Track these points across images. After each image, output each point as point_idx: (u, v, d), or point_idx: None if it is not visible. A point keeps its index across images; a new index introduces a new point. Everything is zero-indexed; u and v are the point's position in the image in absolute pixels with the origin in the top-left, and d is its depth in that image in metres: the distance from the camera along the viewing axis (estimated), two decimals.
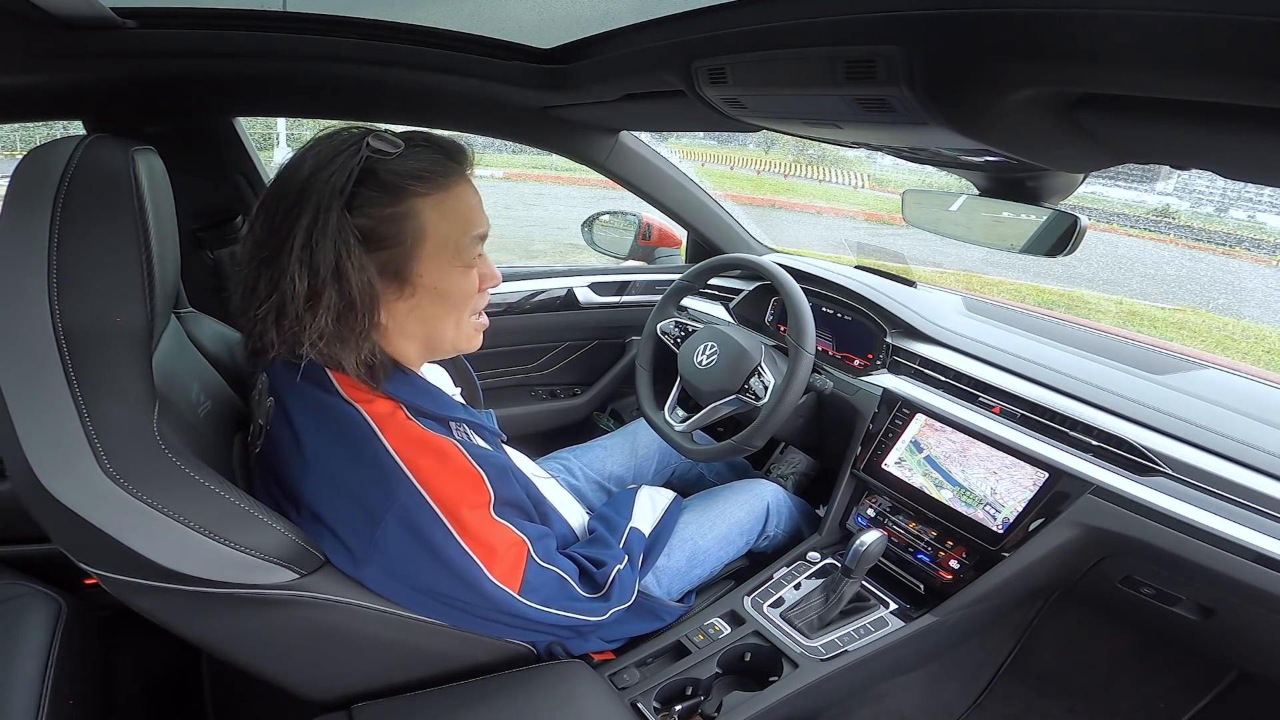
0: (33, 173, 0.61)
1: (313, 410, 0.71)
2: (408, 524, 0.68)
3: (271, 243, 0.67)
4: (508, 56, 1.10)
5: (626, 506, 1.04)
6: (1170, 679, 1.19)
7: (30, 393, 0.56)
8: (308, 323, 0.66)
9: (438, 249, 0.72)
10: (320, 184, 0.66)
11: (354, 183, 0.67)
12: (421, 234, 0.70)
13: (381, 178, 0.68)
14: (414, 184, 0.69)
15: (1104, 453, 0.97)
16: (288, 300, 0.66)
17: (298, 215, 0.65)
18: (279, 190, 0.68)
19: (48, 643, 0.85)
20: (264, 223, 0.68)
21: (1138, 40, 0.41)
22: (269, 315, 0.67)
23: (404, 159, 0.70)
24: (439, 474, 0.71)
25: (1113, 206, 13.62)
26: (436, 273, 0.72)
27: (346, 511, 0.69)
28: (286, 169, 0.70)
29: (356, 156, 0.67)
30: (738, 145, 17.24)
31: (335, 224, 0.65)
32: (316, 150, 0.69)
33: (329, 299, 0.66)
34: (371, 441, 0.69)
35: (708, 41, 0.75)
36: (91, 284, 0.60)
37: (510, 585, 0.74)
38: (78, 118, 1.11)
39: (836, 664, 0.96)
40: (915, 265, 1.56)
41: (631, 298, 1.70)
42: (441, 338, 0.77)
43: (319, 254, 0.65)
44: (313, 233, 0.65)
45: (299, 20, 1.01)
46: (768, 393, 1.16)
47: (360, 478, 0.69)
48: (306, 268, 0.65)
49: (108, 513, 0.57)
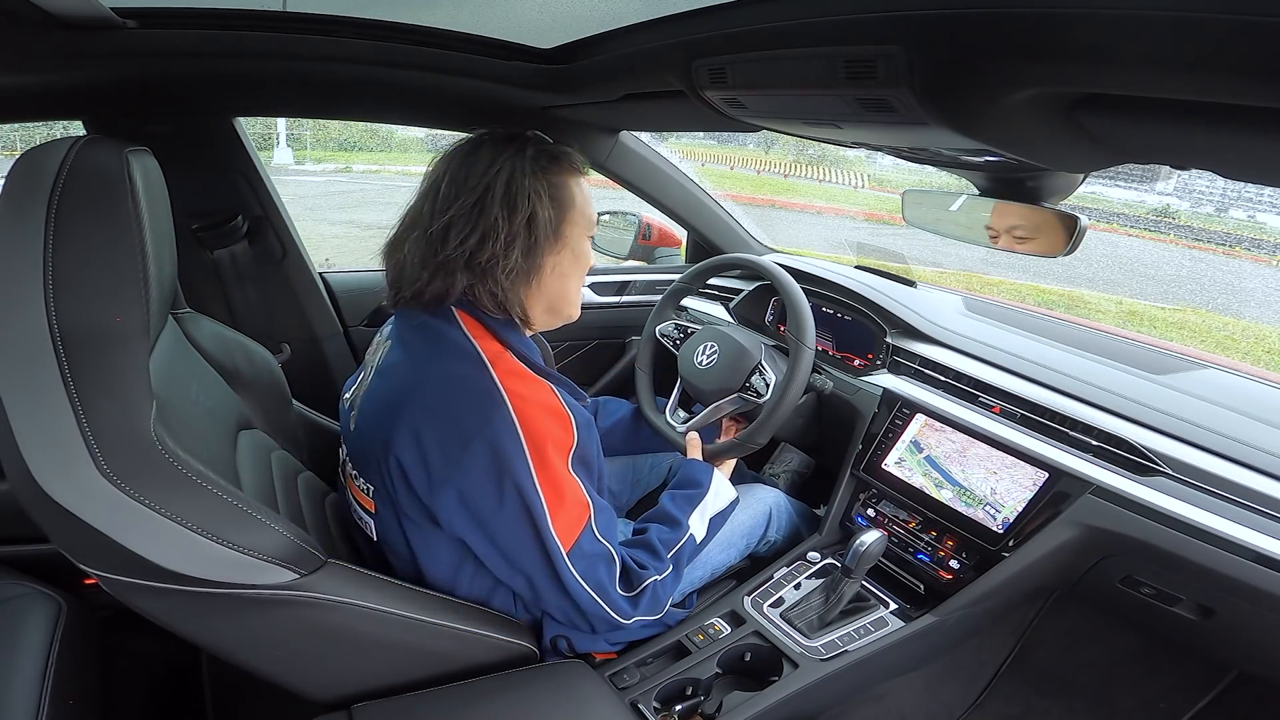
0: (27, 174, 0.61)
1: (434, 341, 0.82)
2: (495, 449, 0.75)
3: (471, 195, 0.80)
4: (508, 57, 1.10)
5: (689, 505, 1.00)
6: (1170, 679, 1.19)
7: (27, 394, 0.56)
8: (501, 257, 0.79)
9: (579, 216, 0.87)
10: (510, 152, 0.82)
11: (534, 154, 0.83)
12: (572, 203, 0.86)
13: (553, 152, 0.85)
14: (571, 162, 0.87)
15: (1104, 453, 0.97)
16: (488, 239, 0.79)
17: (496, 172, 0.80)
18: (467, 161, 0.82)
19: (48, 643, 0.85)
20: (455, 186, 0.81)
21: (1138, 40, 0.41)
22: (461, 257, 0.79)
23: (557, 146, 0.87)
24: (535, 408, 0.79)
25: (1113, 206, 13.62)
26: (577, 236, 0.88)
27: (442, 428, 0.76)
28: (461, 150, 0.84)
29: (530, 140, 0.84)
30: (738, 145, 17.23)
31: (531, 176, 0.81)
32: (485, 139, 0.85)
33: (523, 238, 0.80)
34: (482, 370, 0.79)
35: (708, 41, 0.75)
36: (87, 285, 0.60)
37: (564, 541, 0.79)
38: (78, 118, 1.11)
39: (836, 664, 0.96)
40: (915, 265, 1.56)
41: (631, 298, 1.70)
42: (566, 296, 0.90)
43: (519, 199, 0.80)
44: (512, 184, 0.80)
45: (299, 20, 1.01)
46: (769, 390, 1.16)
47: (464, 401, 0.77)
48: (508, 208, 0.79)
49: (105, 513, 0.57)
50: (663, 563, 0.91)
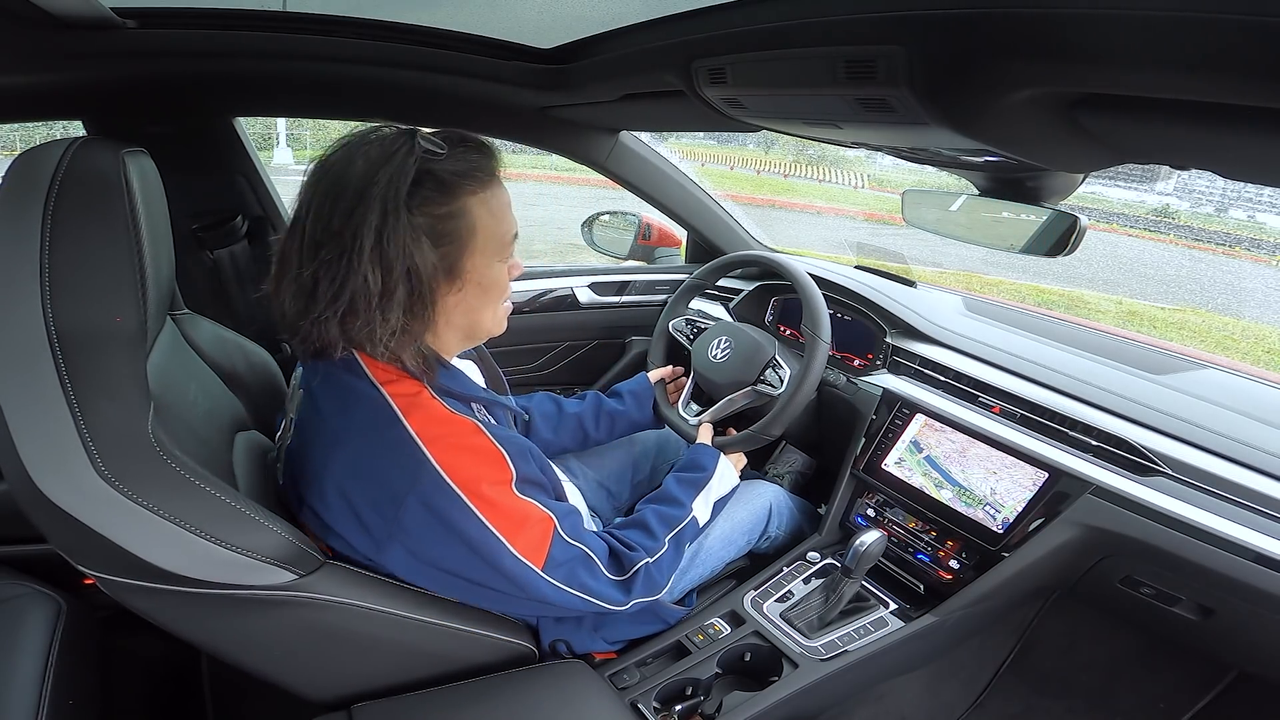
0: (23, 176, 0.61)
1: (340, 394, 0.73)
2: (428, 504, 0.70)
3: (335, 245, 0.67)
4: (508, 57, 1.10)
5: (694, 488, 1.00)
6: (1170, 679, 1.19)
7: (25, 395, 0.56)
8: (377, 321, 0.68)
9: (485, 244, 0.74)
10: (382, 184, 0.66)
11: (411, 183, 0.68)
12: (473, 231, 0.73)
13: (438, 177, 0.70)
14: (467, 183, 0.72)
15: (1104, 453, 0.97)
16: (359, 299, 0.67)
17: (364, 215, 0.66)
18: (333, 191, 0.68)
19: (48, 642, 0.85)
20: (319, 225, 0.68)
21: (1138, 40, 0.41)
22: (334, 316, 0.68)
23: (453, 159, 0.71)
24: (460, 454, 0.72)
25: (1113, 206, 13.62)
26: (483, 266, 0.75)
27: (370, 493, 0.71)
28: (333, 169, 0.69)
29: (412, 156, 0.68)
30: (738, 145, 17.23)
31: (405, 223, 0.67)
32: (364, 149, 0.69)
33: (400, 296, 0.68)
34: (394, 425, 0.71)
35: (708, 41, 0.75)
36: (84, 287, 0.60)
37: (534, 560, 0.76)
38: (78, 118, 1.11)
39: (836, 664, 0.96)
40: (915, 265, 1.56)
41: (631, 298, 1.70)
42: (481, 325, 0.81)
43: (391, 253, 0.67)
44: (383, 233, 0.66)
45: (299, 20, 1.01)
46: (784, 383, 1.16)
47: (383, 460, 0.71)
48: (380, 267, 0.67)
49: (102, 514, 0.57)
50: (657, 541, 0.90)
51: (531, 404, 1.19)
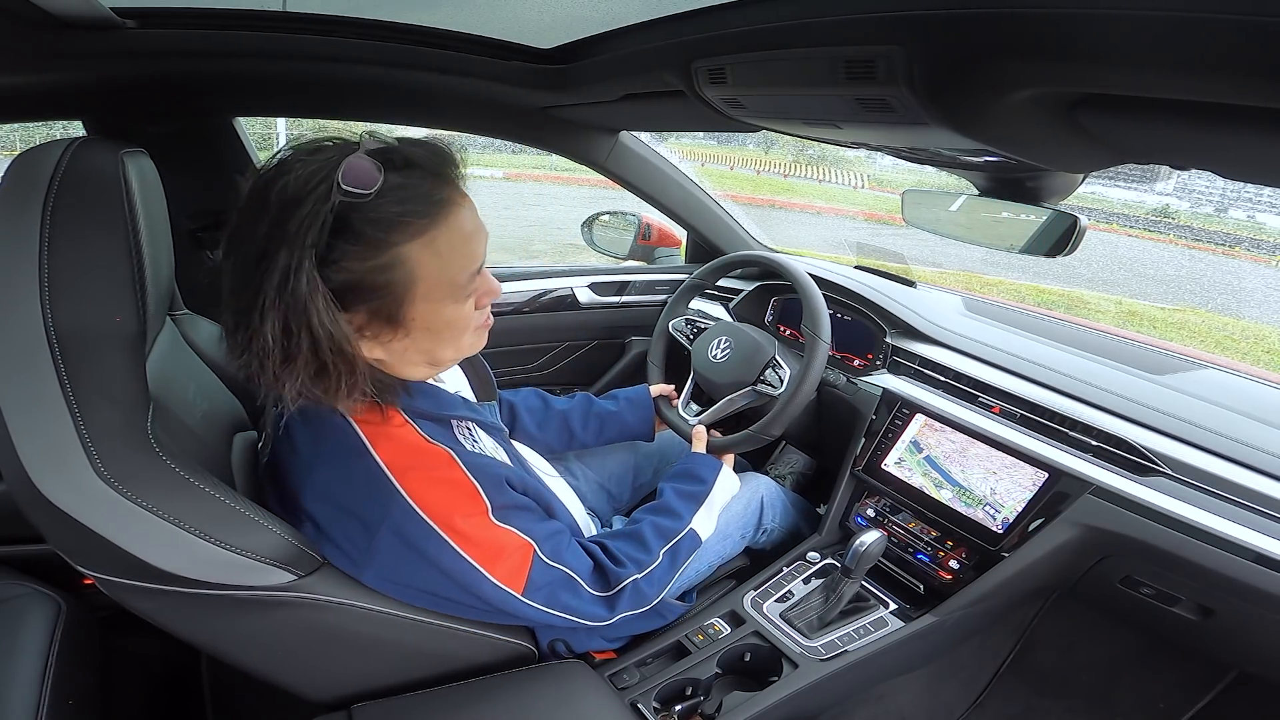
0: (22, 176, 0.61)
1: (308, 421, 0.71)
2: (401, 535, 0.69)
3: (244, 295, 0.60)
4: (508, 57, 1.10)
5: (694, 502, 0.98)
6: (1170, 679, 1.19)
7: (24, 396, 0.56)
8: (286, 380, 0.62)
9: (430, 291, 0.65)
10: (290, 233, 0.57)
11: (329, 233, 0.58)
12: (411, 279, 0.63)
13: (357, 228, 0.60)
14: (401, 230, 0.61)
15: (1104, 453, 0.97)
16: (264, 357, 0.61)
17: (267, 269, 0.58)
18: (247, 222, 0.60)
19: (48, 643, 0.85)
20: (236, 268, 0.61)
21: (1138, 40, 0.41)
22: (251, 364, 0.62)
23: (383, 201, 0.60)
24: (432, 487, 0.70)
25: (1113, 206, 13.61)
26: (430, 313, 0.66)
27: (343, 522, 0.70)
28: (256, 190, 0.60)
29: (328, 203, 0.58)
30: (738, 145, 17.22)
31: (306, 285, 0.58)
32: (283, 181, 0.59)
33: (304, 359, 0.61)
34: (363, 456, 0.69)
35: (708, 41, 0.75)
36: (83, 287, 0.60)
37: (513, 586, 0.75)
38: (78, 118, 1.11)
39: (836, 664, 0.96)
40: (915, 265, 1.56)
41: (631, 298, 1.70)
42: (443, 360, 0.74)
43: (291, 315, 0.59)
44: (283, 293, 0.58)
45: (299, 20, 1.01)
46: (784, 383, 1.16)
47: (353, 491, 0.69)
48: (279, 327, 0.59)
49: (101, 515, 0.57)
50: (650, 555, 0.89)
51: (517, 399, 1.18)
